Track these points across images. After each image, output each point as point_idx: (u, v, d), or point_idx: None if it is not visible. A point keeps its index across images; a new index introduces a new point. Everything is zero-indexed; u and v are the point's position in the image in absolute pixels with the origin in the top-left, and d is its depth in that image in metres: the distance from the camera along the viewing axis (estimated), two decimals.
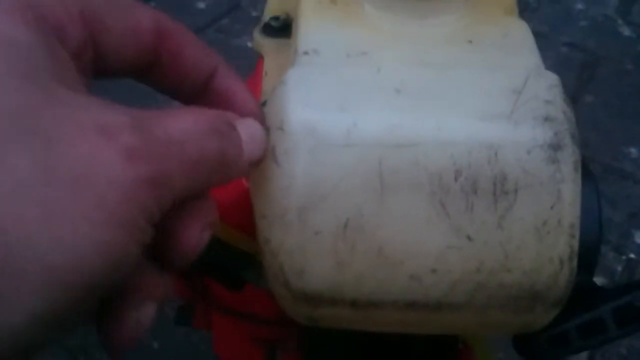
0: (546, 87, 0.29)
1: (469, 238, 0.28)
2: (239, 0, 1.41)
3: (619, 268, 0.93)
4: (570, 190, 0.27)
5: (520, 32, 0.32)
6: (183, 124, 0.24)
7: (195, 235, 0.25)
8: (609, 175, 1.07)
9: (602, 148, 1.12)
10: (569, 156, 0.27)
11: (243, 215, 0.33)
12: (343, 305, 0.29)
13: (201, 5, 1.42)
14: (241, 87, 0.29)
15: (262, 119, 0.29)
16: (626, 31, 1.44)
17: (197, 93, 0.29)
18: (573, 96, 1.25)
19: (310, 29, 0.33)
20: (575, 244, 0.28)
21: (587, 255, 0.38)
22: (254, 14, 1.37)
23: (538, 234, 0.28)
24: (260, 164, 0.29)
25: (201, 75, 0.28)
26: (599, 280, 0.92)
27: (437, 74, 0.30)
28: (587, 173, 0.40)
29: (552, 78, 0.29)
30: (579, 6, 1.50)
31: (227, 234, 0.36)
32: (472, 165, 0.27)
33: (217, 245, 0.35)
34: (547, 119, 0.28)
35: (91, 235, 0.20)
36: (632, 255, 0.95)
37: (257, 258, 0.32)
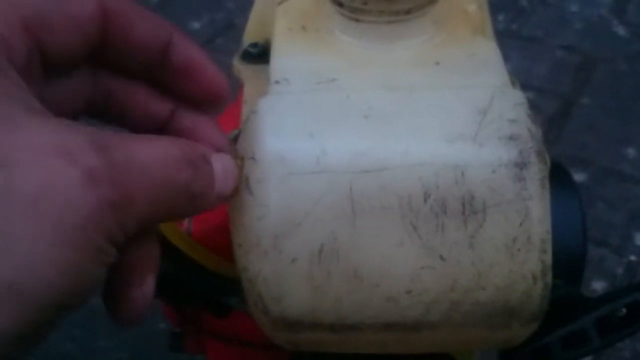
0: (511, 106, 0.29)
1: (441, 258, 0.28)
2: (233, 19, 1.42)
3: (620, 271, 0.93)
4: (538, 206, 0.28)
5: (488, 52, 0.33)
6: (151, 150, 0.24)
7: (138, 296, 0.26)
8: (608, 178, 1.07)
9: (600, 150, 1.12)
10: (535, 173, 0.28)
11: (226, 242, 0.34)
12: (322, 330, 0.30)
13: (196, 25, 1.43)
14: (200, 56, 0.29)
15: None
16: (621, 31, 1.44)
17: (154, 69, 0.28)
18: (570, 99, 1.25)
19: (282, 58, 0.34)
20: (548, 259, 0.29)
21: (571, 267, 0.38)
22: None
23: (509, 252, 0.28)
24: (231, 197, 0.29)
25: (155, 48, 0.28)
26: (599, 284, 0.92)
27: (404, 97, 0.30)
28: (569, 184, 0.41)
29: (518, 96, 0.30)
30: (574, 8, 1.51)
31: (211, 261, 0.36)
32: (440, 186, 0.28)
33: (201, 273, 0.35)
34: (511, 137, 0.28)
35: (49, 256, 0.21)
36: (632, 258, 0.95)
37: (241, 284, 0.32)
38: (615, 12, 1.50)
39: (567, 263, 0.38)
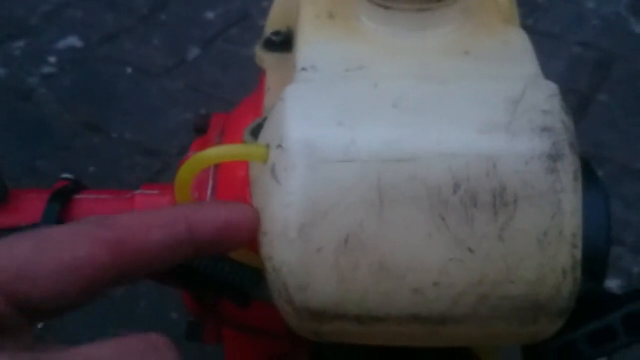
0: (545, 97, 0.29)
1: (470, 251, 0.28)
2: (248, 10, 1.41)
3: (636, 269, 0.92)
4: (570, 200, 0.27)
5: (519, 42, 0.32)
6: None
7: None
8: (626, 176, 1.06)
9: (618, 148, 1.11)
10: (569, 166, 0.27)
11: None
12: (347, 321, 0.29)
13: (210, 15, 1.43)
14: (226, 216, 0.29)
15: None
16: (638, 29, 1.43)
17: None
18: (587, 96, 1.24)
19: (309, 45, 0.33)
20: (579, 254, 0.28)
21: (596, 264, 0.38)
22: (263, 23, 1.37)
23: (540, 245, 0.27)
24: None
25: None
26: (615, 282, 0.92)
27: (434, 86, 0.30)
28: (595, 180, 0.40)
29: (551, 88, 0.29)
30: (591, 5, 1.50)
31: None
32: (471, 177, 0.27)
33: (224, 262, 0.35)
34: (545, 129, 0.28)
35: None
36: None
37: (264, 274, 0.32)
38: (633, 9, 1.49)
39: (593, 259, 0.37)
